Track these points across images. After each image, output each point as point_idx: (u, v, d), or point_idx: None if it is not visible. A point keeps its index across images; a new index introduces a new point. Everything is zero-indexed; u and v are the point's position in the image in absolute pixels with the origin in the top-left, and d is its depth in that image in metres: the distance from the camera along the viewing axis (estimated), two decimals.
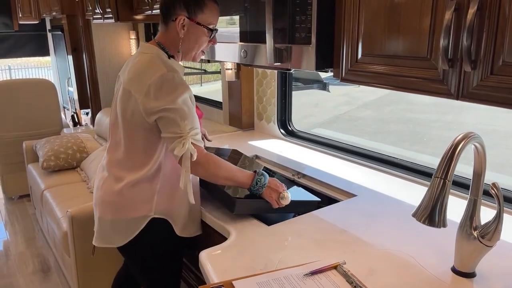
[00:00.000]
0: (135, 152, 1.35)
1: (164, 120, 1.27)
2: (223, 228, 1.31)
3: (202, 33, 1.35)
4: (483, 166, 0.95)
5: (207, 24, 1.35)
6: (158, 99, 1.26)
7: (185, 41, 1.35)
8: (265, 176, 1.37)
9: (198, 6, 1.32)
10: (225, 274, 1.05)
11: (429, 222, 0.87)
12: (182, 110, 1.25)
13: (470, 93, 0.86)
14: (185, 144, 1.24)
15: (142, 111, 1.28)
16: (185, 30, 1.33)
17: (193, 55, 1.41)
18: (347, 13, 1.12)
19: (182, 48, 1.36)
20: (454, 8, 0.84)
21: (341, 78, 1.18)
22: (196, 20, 1.33)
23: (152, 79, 1.26)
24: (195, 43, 1.37)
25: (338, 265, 1.06)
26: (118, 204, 1.37)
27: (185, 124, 1.25)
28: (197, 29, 1.34)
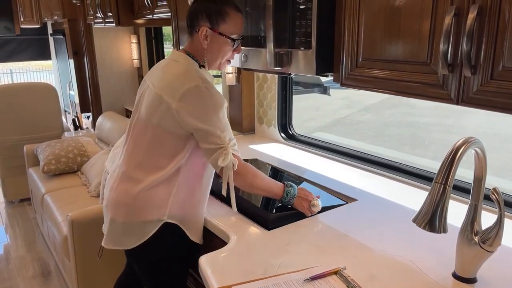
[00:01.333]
0: (157, 155, 1.36)
1: (203, 132, 1.29)
2: (223, 233, 1.31)
3: (225, 43, 1.35)
4: (483, 171, 0.95)
5: (230, 34, 1.34)
6: (197, 113, 1.27)
7: (209, 51, 1.36)
8: (293, 187, 1.41)
9: (220, 17, 1.33)
10: (225, 279, 1.05)
11: (429, 227, 0.86)
12: (221, 122, 1.29)
13: (470, 98, 0.85)
14: (227, 155, 1.28)
15: (177, 119, 1.29)
16: (208, 41, 1.34)
17: (217, 65, 1.42)
18: (347, 18, 1.12)
19: (206, 58, 1.38)
20: (454, 13, 0.84)
21: (341, 83, 1.18)
22: (219, 30, 1.33)
23: (187, 87, 1.27)
24: (219, 53, 1.38)
25: (339, 271, 1.06)
26: (133, 206, 1.36)
27: (224, 135, 1.29)
28: (220, 39, 1.34)
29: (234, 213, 1.45)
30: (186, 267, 1.54)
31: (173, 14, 2.01)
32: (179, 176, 1.36)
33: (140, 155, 1.37)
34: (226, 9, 1.33)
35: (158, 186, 1.35)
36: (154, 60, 3.43)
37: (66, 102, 4.89)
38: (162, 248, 1.42)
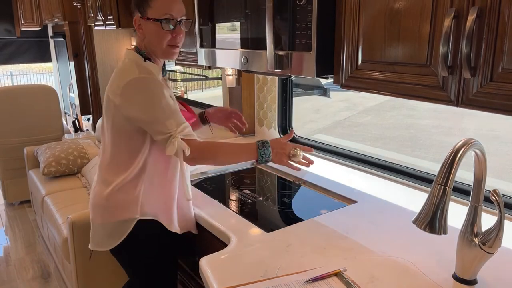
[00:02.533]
0: (119, 155, 1.39)
1: (149, 124, 1.30)
2: (224, 235, 1.31)
3: (156, 27, 1.35)
4: (483, 172, 0.95)
5: (157, 17, 1.34)
6: (137, 105, 1.29)
7: (147, 40, 1.38)
8: (267, 148, 1.34)
9: (145, 2, 1.35)
10: (226, 281, 1.05)
11: (429, 229, 0.87)
12: (163, 110, 1.28)
13: (470, 99, 0.86)
14: (174, 142, 1.27)
15: (124, 115, 1.32)
16: (143, 30, 1.37)
17: (162, 52, 1.40)
18: (347, 20, 1.13)
19: (149, 47, 1.39)
20: (453, 15, 0.84)
21: (341, 85, 1.18)
22: (147, 16, 1.35)
23: (125, 81, 1.29)
24: (155, 39, 1.37)
25: (339, 272, 1.06)
26: (106, 208, 1.41)
27: (170, 123, 1.28)
28: (150, 24, 1.35)
29: (234, 214, 1.45)
30: (173, 264, 1.55)
31: None
32: (145, 173, 1.39)
33: (107, 157, 1.42)
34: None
35: (126, 185, 1.38)
36: None
37: (66, 104, 4.89)
38: (142, 245, 1.45)
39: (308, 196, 1.67)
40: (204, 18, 1.72)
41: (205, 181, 1.79)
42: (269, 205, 1.57)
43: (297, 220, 1.40)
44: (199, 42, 1.77)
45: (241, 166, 1.95)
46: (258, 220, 1.42)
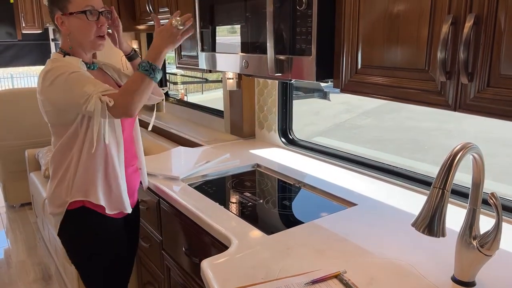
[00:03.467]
0: (56, 150, 1.49)
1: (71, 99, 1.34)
2: (224, 237, 1.32)
3: (80, 19, 1.39)
4: (481, 176, 0.96)
5: (81, 9, 1.38)
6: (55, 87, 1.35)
7: (73, 35, 1.42)
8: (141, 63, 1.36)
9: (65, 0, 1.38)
10: (227, 283, 1.06)
11: (428, 231, 0.88)
12: (79, 81, 1.33)
13: (467, 104, 0.87)
14: (92, 100, 1.30)
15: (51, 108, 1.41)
16: (67, 26, 1.41)
17: (90, 45, 1.45)
18: (347, 25, 1.14)
19: (73, 43, 1.44)
20: (451, 22, 0.86)
21: (341, 89, 1.20)
22: (69, 11, 1.39)
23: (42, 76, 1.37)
24: (81, 32, 1.41)
25: (339, 274, 1.07)
26: (49, 199, 1.54)
27: (88, 87, 1.32)
28: (73, 19, 1.39)
29: (235, 217, 1.46)
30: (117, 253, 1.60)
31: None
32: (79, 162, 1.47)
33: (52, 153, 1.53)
34: None
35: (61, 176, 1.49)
36: None
37: None
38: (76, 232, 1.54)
39: (308, 198, 1.68)
40: (205, 22, 1.74)
41: (206, 184, 1.81)
42: (270, 208, 1.58)
43: (297, 222, 1.41)
44: (200, 46, 1.79)
45: (242, 169, 1.96)
46: (258, 223, 1.43)
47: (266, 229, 1.34)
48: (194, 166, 1.92)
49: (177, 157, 2.17)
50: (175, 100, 3.44)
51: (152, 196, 1.82)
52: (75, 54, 1.46)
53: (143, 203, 1.94)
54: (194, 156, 2.12)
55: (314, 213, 1.49)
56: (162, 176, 1.82)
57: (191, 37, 1.91)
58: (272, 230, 1.34)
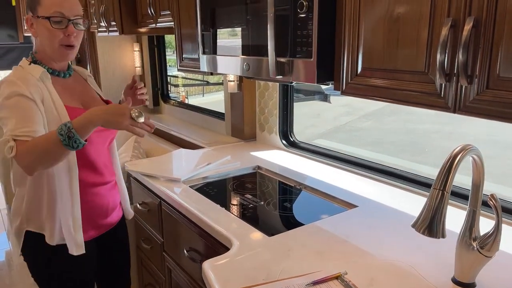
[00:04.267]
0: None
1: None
2: (226, 239, 1.32)
3: (45, 25, 1.32)
4: (481, 177, 0.97)
5: (47, 14, 1.32)
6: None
7: (39, 39, 1.36)
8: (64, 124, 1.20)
9: (36, 2, 1.33)
10: (228, 284, 1.07)
11: (428, 232, 0.88)
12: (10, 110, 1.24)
13: (467, 106, 0.88)
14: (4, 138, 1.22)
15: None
16: (34, 29, 1.35)
17: (54, 53, 1.36)
18: (347, 28, 1.15)
19: (39, 47, 1.37)
20: (450, 24, 0.87)
21: (342, 91, 1.20)
22: (37, 14, 1.33)
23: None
24: (46, 37, 1.34)
25: (340, 275, 1.07)
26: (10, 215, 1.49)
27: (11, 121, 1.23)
28: (40, 22, 1.33)
29: (236, 219, 1.47)
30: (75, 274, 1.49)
31: (176, 23, 2.04)
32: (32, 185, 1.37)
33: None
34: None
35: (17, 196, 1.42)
36: (156, 67, 3.47)
37: None
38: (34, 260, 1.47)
39: (309, 200, 1.69)
40: (206, 25, 1.75)
41: (207, 185, 1.81)
42: (271, 210, 1.59)
43: (298, 224, 1.41)
44: (201, 48, 1.80)
45: (243, 171, 1.97)
46: (259, 224, 1.44)
47: (267, 231, 1.35)
48: (195, 168, 1.93)
49: (178, 159, 2.18)
50: (176, 102, 3.45)
51: (154, 198, 1.83)
52: (43, 60, 1.38)
53: (144, 205, 1.95)
54: (195, 158, 2.13)
55: (314, 215, 1.50)
56: (164, 178, 1.83)
57: (192, 39, 1.93)
58: (273, 232, 1.34)
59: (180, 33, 2.04)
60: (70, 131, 1.18)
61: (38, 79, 1.32)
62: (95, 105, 1.48)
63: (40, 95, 1.31)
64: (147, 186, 1.87)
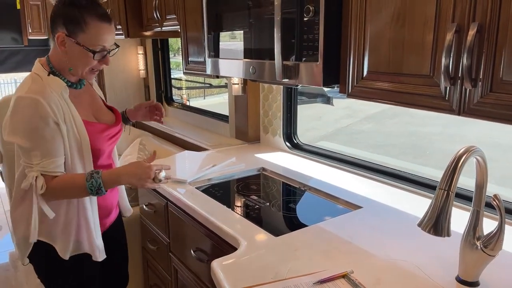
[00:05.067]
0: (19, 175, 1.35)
1: (19, 149, 1.28)
2: (233, 239, 1.35)
3: (84, 53, 1.28)
4: (484, 178, 1.00)
5: (90, 45, 1.27)
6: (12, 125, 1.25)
7: (69, 59, 1.30)
8: (94, 178, 1.30)
9: (78, 25, 1.25)
10: (237, 283, 1.09)
11: (434, 231, 0.91)
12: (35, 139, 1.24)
13: (471, 109, 0.91)
14: (29, 177, 1.25)
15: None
16: (66, 48, 1.28)
17: (80, 73, 1.35)
18: (353, 33, 1.18)
19: (62, 61, 1.31)
20: (455, 30, 0.90)
21: (348, 94, 1.23)
22: (77, 39, 1.27)
23: (13, 99, 1.26)
24: (79, 62, 1.31)
25: (346, 274, 1.10)
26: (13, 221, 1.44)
27: (34, 154, 1.24)
28: (78, 48, 1.27)
29: (242, 219, 1.49)
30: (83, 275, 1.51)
31: (182, 27, 2.07)
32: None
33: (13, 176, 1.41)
34: (86, 18, 1.25)
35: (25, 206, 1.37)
36: (160, 70, 3.50)
37: None
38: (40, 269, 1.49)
39: (313, 201, 1.71)
40: (212, 29, 1.78)
41: (212, 187, 1.84)
42: (276, 211, 1.61)
43: (303, 225, 1.44)
44: (208, 52, 1.82)
45: (247, 173, 1.99)
46: (265, 225, 1.46)
47: (273, 231, 1.37)
48: (201, 169, 1.95)
49: (183, 160, 2.20)
50: (179, 105, 3.48)
51: (160, 199, 1.86)
52: (61, 71, 1.34)
53: (150, 206, 1.97)
54: (200, 160, 2.16)
55: (319, 216, 1.53)
56: (170, 179, 1.85)
57: (198, 43, 1.96)
58: (279, 232, 1.36)
59: (186, 37, 2.06)
60: (100, 189, 1.31)
61: (60, 95, 1.30)
62: (103, 114, 1.51)
63: (62, 114, 1.30)
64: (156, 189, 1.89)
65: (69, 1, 1.27)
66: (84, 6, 1.26)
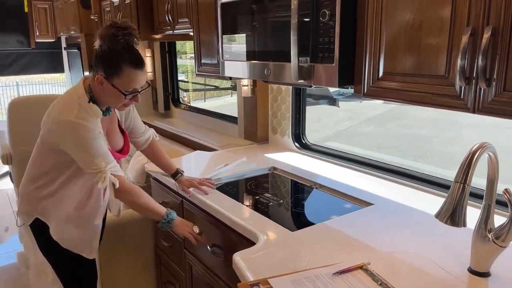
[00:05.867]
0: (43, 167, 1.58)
1: (79, 160, 1.49)
2: (251, 233, 1.39)
3: (118, 94, 1.47)
4: (496, 173, 1.05)
5: (123, 89, 1.46)
6: (69, 144, 1.47)
7: (105, 95, 1.50)
8: (172, 213, 1.62)
9: (114, 72, 1.44)
10: (259, 273, 1.13)
11: (451, 222, 0.96)
12: (93, 152, 1.46)
13: (485, 107, 0.96)
14: (106, 178, 1.47)
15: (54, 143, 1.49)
16: (104, 87, 1.47)
17: (114, 107, 1.59)
18: (369, 36, 1.23)
19: (99, 94, 1.51)
20: (470, 33, 0.96)
21: (364, 94, 1.29)
22: (112, 82, 1.45)
23: (61, 119, 1.44)
24: (113, 100, 1.51)
25: (363, 265, 1.15)
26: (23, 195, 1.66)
27: (99, 161, 1.47)
28: (113, 89, 1.47)
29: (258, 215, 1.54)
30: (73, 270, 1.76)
31: (195, 30, 2.12)
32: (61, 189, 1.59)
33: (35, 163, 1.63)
34: (122, 66, 1.43)
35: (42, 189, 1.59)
36: (167, 73, 3.56)
37: None
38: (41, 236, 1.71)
39: (324, 199, 1.76)
40: (226, 31, 1.83)
41: (226, 185, 1.89)
42: (289, 207, 1.66)
43: (317, 221, 1.48)
44: (221, 54, 1.88)
45: (259, 172, 2.04)
46: (280, 221, 1.50)
47: (289, 227, 1.42)
48: (214, 168, 2.00)
49: (196, 160, 2.26)
50: (186, 106, 3.53)
51: (175, 197, 1.90)
52: (98, 100, 1.53)
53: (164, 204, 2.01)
54: (212, 160, 2.21)
55: (331, 213, 1.58)
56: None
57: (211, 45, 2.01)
58: (294, 228, 1.42)
59: (199, 40, 2.12)
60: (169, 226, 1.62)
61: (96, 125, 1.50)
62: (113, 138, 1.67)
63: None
64: (169, 186, 1.95)
65: (108, 48, 1.44)
66: (121, 53, 1.44)
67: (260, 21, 1.65)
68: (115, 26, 1.43)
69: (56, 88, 10.28)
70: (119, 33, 1.42)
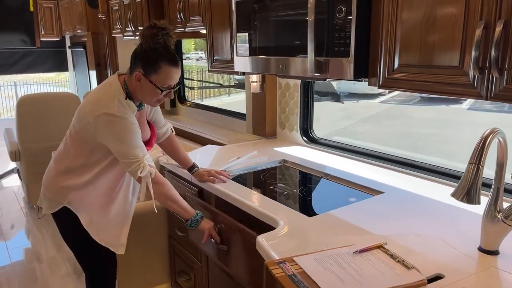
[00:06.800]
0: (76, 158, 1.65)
1: (118, 152, 1.57)
2: (271, 218, 1.46)
3: (155, 90, 1.56)
4: (505, 156, 1.13)
5: (159, 85, 1.55)
6: (109, 136, 1.55)
7: (141, 91, 1.58)
8: (198, 220, 1.68)
9: (153, 69, 1.53)
10: (283, 253, 1.21)
11: (467, 199, 1.04)
12: (131, 141, 1.55)
13: (497, 94, 1.05)
14: (145, 167, 1.55)
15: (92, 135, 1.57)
16: (141, 83, 1.55)
17: (147, 103, 1.66)
18: (385, 30, 1.31)
19: (135, 90, 1.59)
20: (483, 26, 1.04)
21: (379, 86, 1.36)
22: (150, 79, 1.54)
23: (101, 112, 1.52)
24: (149, 95, 1.59)
25: (381, 245, 1.22)
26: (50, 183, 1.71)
27: (137, 151, 1.56)
28: (150, 85, 1.55)
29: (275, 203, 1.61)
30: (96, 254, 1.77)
31: (208, 27, 2.19)
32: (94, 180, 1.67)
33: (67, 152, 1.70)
34: (160, 63, 1.52)
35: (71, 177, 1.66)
36: None
37: None
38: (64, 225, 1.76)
39: (336, 188, 1.84)
40: (241, 28, 1.90)
41: (240, 176, 1.95)
42: (304, 196, 1.74)
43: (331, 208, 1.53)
44: (236, 50, 1.95)
45: (270, 165, 2.11)
46: (297, 208, 1.58)
47: (306, 213, 1.50)
48: (228, 161, 2.07)
49: (208, 154, 2.32)
50: (192, 104, 3.60)
51: (191, 188, 1.97)
52: (133, 96, 1.61)
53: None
54: (225, 153, 2.28)
55: (344, 200, 1.66)
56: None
57: (225, 42, 2.08)
58: (311, 214, 1.49)
59: (211, 37, 2.19)
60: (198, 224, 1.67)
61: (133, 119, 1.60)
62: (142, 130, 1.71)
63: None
64: (185, 177, 2.01)
65: (149, 47, 1.54)
66: (159, 51, 1.53)
67: (275, 18, 1.72)
68: (155, 27, 1.53)
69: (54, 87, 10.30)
70: (159, 33, 1.52)
